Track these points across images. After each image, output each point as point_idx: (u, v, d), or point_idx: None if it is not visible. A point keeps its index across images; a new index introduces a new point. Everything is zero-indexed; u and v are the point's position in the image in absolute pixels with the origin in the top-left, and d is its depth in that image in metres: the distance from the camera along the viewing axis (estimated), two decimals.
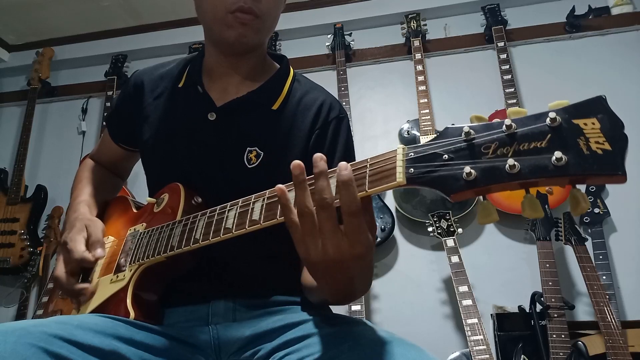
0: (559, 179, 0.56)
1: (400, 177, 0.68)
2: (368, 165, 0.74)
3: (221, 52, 1.20)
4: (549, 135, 0.57)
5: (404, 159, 0.70)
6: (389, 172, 0.70)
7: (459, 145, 0.64)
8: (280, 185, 0.74)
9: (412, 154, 0.69)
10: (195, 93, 1.21)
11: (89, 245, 1.13)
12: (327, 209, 0.71)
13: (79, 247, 1.11)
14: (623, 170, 0.53)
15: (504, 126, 0.61)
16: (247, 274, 1.11)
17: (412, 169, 0.68)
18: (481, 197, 0.66)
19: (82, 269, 1.16)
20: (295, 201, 0.74)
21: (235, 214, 0.91)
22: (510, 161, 0.58)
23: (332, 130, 1.19)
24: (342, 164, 0.71)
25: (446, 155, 0.65)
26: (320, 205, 0.71)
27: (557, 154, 0.55)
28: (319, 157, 0.73)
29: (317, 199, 0.72)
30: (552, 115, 0.58)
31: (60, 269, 1.13)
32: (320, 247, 0.73)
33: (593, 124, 0.55)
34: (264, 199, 0.87)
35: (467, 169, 0.61)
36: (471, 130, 0.63)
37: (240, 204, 0.91)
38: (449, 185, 0.64)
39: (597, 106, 0.56)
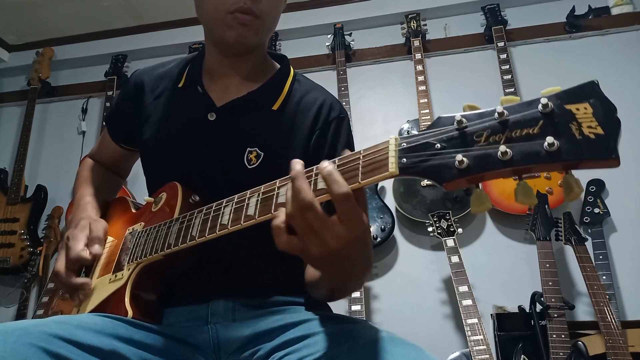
0: (552, 165, 0.56)
1: (392, 167, 0.68)
2: (361, 157, 0.74)
3: (221, 53, 1.20)
4: (541, 122, 0.57)
5: (396, 149, 0.70)
6: (381, 163, 0.71)
7: (451, 134, 0.64)
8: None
9: (405, 144, 0.69)
10: (195, 93, 1.21)
11: (88, 242, 1.15)
12: (311, 209, 0.72)
13: (77, 245, 1.12)
14: (616, 153, 0.52)
15: (496, 114, 0.61)
16: (247, 274, 1.11)
17: (404, 159, 0.68)
18: (474, 186, 0.65)
19: (82, 267, 1.17)
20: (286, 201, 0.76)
21: (231, 209, 0.91)
22: (502, 148, 0.58)
23: (333, 130, 1.19)
24: (323, 161, 0.75)
25: (438, 144, 0.65)
26: (302, 206, 0.72)
27: (549, 139, 0.55)
28: (295, 162, 0.76)
29: (298, 201, 0.73)
30: (544, 101, 0.57)
31: (60, 263, 1.13)
32: (319, 242, 0.74)
33: (585, 108, 0.55)
34: (258, 194, 0.87)
35: (459, 157, 0.61)
36: (463, 119, 0.63)
37: (235, 200, 0.92)
38: (441, 174, 0.63)
39: (589, 91, 0.56)
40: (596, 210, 2.40)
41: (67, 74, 3.65)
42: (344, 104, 2.84)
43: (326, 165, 0.74)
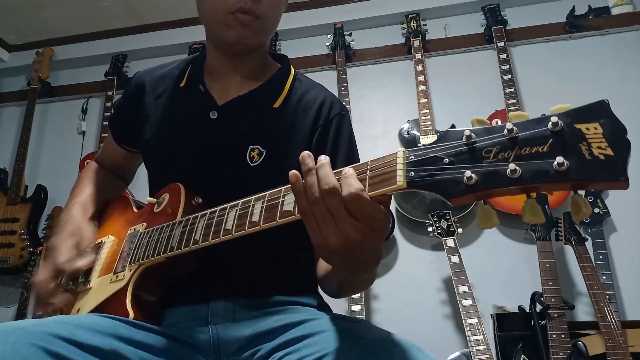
0: (561, 185, 0.56)
1: (400, 180, 0.68)
2: (368, 169, 0.74)
3: (222, 53, 1.20)
4: (551, 140, 0.57)
5: (404, 162, 0.69)
6: (389, 175, 0.70)
7: (460, 148, 0.64)
8: (294, 171, 0.75)
9: (413, 157, 0.69)
10: (196, 92, 1.21)
11: (78, 253, 1.14)
12: (335, 195, 0.71)
13: (64, 254, 1.11)
14: (625, 176, 0.52)
15: (506, 130, 0.60)
16: (247, 275, 1.11)
17: (412, 173, 0.67)
18: (482, 202, 0.65)
19: (69, 275, 1.15)
20: (305, 189, 0.74)
21: (235, 215, 0.90)
22: (512, 166, 0.58)
23: (335, 128, 1.20)
24: (346, 167, 0.74)
25: (447, 159, 0.64)
26: (327, 191, 0.71)
27: (559, 159, 0.55)
28: (323, 157, 0.75)
29: (321, 186, 0.72)
30: (554, 119, 0.57)
31: (41, 274, 1.11)
32: (339, 232, 0.73)
33: (595, 128, 0.55)
34: (263, 201, 0.86)
35: (468, 173, 0.61)
36: (472, 134, 0.63)
37: (240, 205, 0.91)
38: (449, 189, 0.63)
39: (599, 111, 0.56)
40: (596, 210, 2.40)
41: (67, 74, 3.64)
42: (343, 104, 2.84)
43: (347, 169, 0.73)
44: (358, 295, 2.34)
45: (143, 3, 3.35)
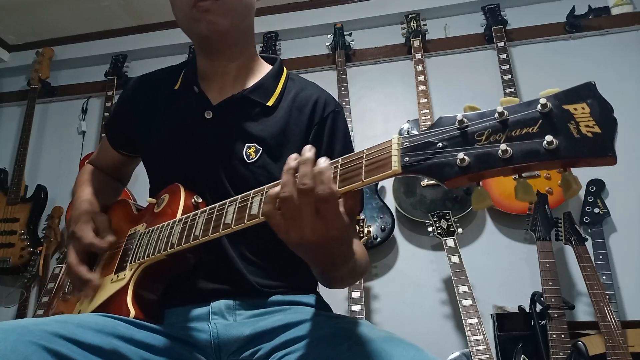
0: (551, 163, 0.57)
1: (395, 165, 0.70)
2: (364, 156, 0.76)
3: (207, 52, 1.23)
4: (540, 121, 0.59)
5: (399, 148, 0.71)
6: (384, 162, 0.72)
7: (452, 133, 0.65)
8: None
9: (407, 143, 0.71)
10: (191, 93, 1.23)
11: (99, 233, 1.17)
12: (307, 194, 0.74)
13: (88, 234, 1.16)
14: (613, 151, 0.53)
15: (496, 114, 0.62)
16: (247, 274, 1.11)
17: (407, 158, 0.69)
18: (475, 184, 0.66)
19: (91, 261, 1.19)
20: (280, 185, 0.78)
21: (235, 209, 0.91)
22: (503, 146, 0.59)
23: (330, 125, 1.22)
24: (321, 158, 0.77)
25: (440, 144, 0.66)
26: (300, 190, 0.74)
27: (548, 138, 0.56)
28: (308, 148, 0.79)
29: (298, 184, 0.75)
30: (542, 101, 0.59)
31: (72, 256, 1.15)
32: (298, 229, 0.76)
33: (583, 108, 0.56)
34: (262, 194, 0.88)
35: (461, 155, 0.62)
36: (464, 119, 0.65)
37: (239, 200, 0.92)
38: (443, 172, 0.65)
39: (586, 92, 0.58)
40: (596, 210, 2.40)
41: (67, 74, 3.64)
42: (343, 104, 2.84)
43: (322, 162, 0.76)
44: (358, 295, 2.34)
45: (143, 3, 3.35)
